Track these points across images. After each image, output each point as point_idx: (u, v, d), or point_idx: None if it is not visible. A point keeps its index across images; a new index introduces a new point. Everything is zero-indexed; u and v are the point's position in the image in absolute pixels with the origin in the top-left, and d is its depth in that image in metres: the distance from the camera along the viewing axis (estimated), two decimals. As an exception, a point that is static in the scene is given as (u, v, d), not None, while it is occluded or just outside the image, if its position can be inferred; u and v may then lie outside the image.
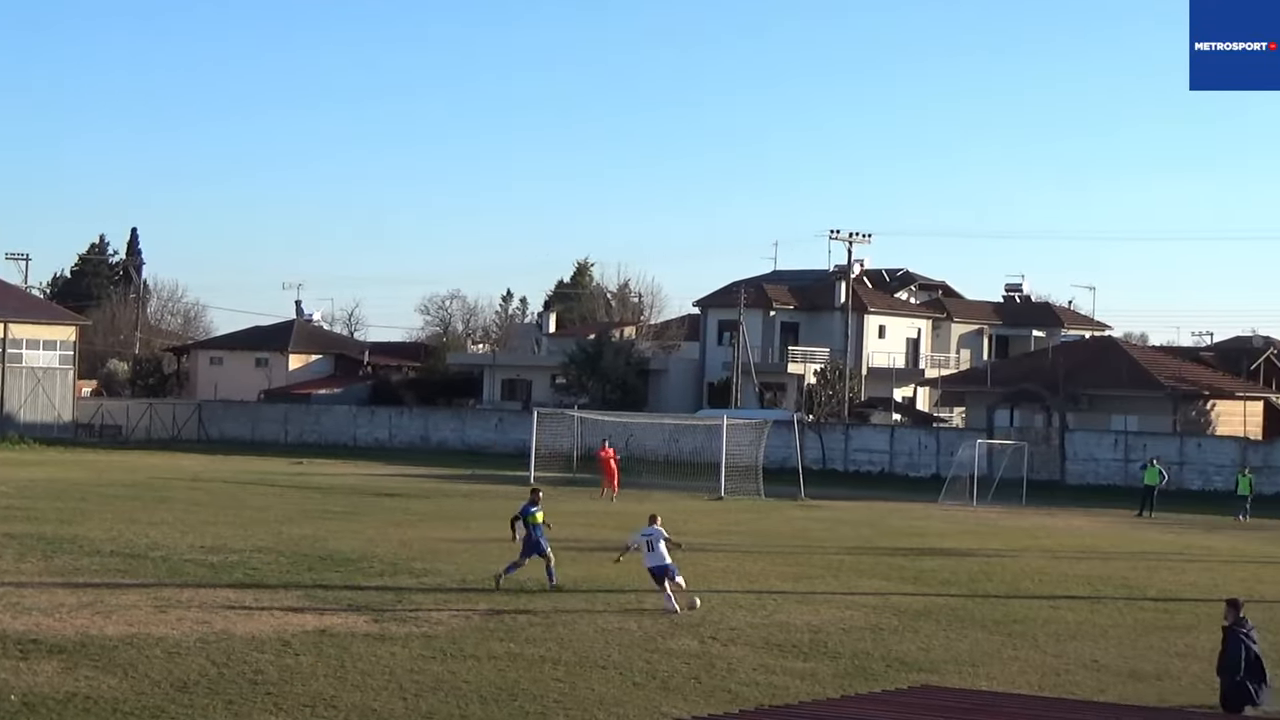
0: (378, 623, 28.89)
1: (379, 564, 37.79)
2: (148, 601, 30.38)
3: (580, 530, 48.97)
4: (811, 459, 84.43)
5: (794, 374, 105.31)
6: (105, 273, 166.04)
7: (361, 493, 62.34)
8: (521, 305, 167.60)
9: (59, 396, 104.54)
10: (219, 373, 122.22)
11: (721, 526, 52.13)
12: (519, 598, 32.74)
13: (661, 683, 24.55)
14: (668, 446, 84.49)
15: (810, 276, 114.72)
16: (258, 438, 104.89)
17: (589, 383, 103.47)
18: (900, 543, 48.52)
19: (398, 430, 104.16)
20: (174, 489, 60.16)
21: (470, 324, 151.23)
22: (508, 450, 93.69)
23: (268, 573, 35.53)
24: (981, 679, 25.61)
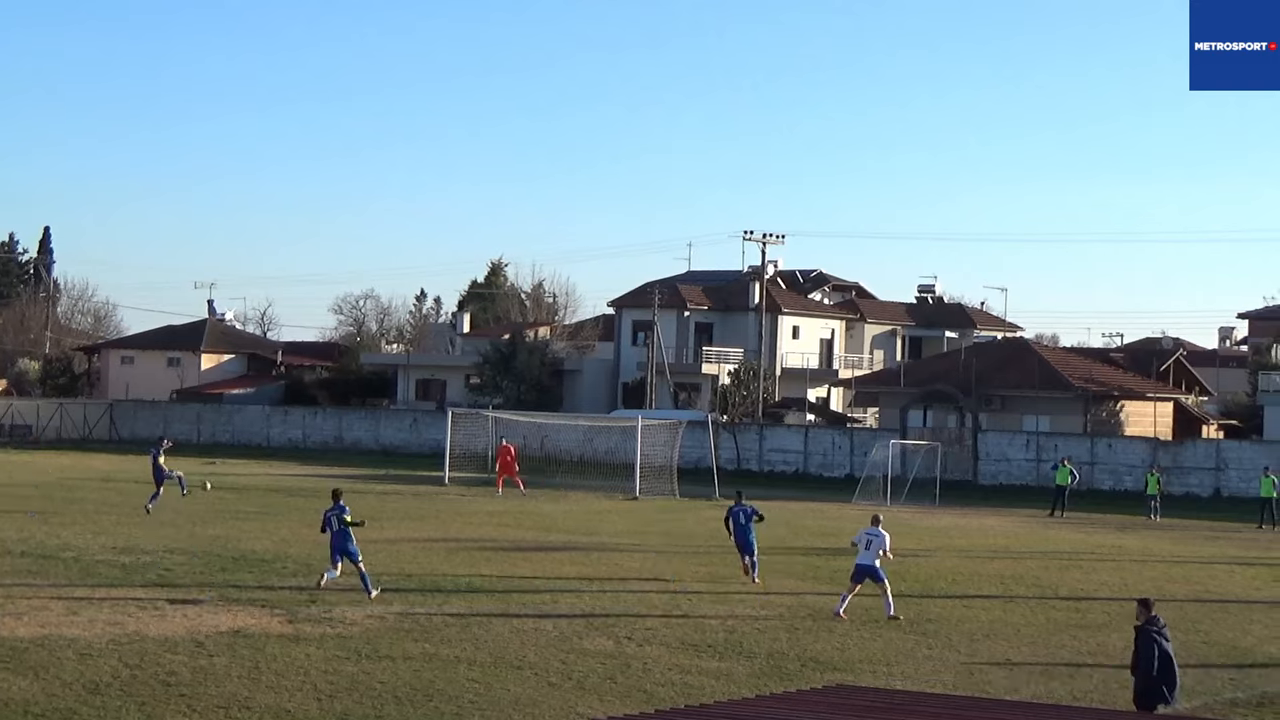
0: (292, 623, 28.77)
1: (293, 564, 37.62)
2: (59, 603, 30.15)
3: (494, 530, 48.96)
4: (726, 459, 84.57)
5: (708, 374, 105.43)
6: (15, 271, 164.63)
7: (275, 493, 62.02)
8: (435, 305, 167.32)
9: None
10: (130, 372, 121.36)
11: (636, 527, 52.16)
12: (434, 598, 32.66)
13: (577, 683, 24.55)
14: (582, 447, 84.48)
15: (724, 277, 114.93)
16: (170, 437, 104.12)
17: (503, 383, 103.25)
18: (815, 542, 48.66)
19: (311, 430, 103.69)
20: (85, 489, 59.71)
21: (384, 324, 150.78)
22: (423, 450, 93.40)
23: (181, 573, 35.32)
24: (896, 678, 25.72)
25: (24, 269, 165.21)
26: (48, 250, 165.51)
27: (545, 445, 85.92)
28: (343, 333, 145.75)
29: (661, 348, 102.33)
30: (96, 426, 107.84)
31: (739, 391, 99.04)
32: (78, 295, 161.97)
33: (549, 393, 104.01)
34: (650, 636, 28.81)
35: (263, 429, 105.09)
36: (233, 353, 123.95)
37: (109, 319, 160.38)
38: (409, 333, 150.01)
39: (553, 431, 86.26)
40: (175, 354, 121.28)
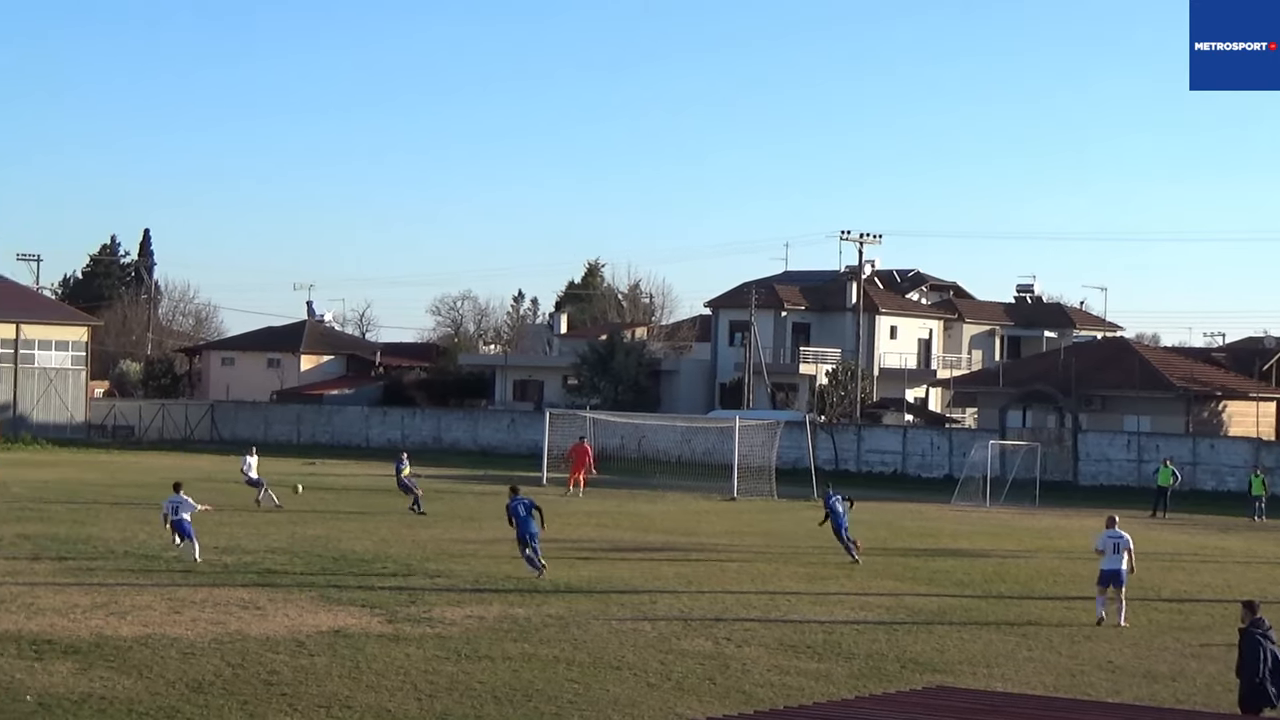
0: (392, 623, 28.91)
1: (393, 564, 37.81)
2: (162, 602, 30.42)
3: (592, 531, 49.05)
4: (824, 460, 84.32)
5: (806, 375, 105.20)
6: (117, 273, 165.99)
7: (375, 493, 62.32)
8: (533, 306, 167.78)
9: (71, 397, 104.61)
10: (231, 373, 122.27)
11: (734, 528, 52.09)
12: (533, 598, 32.75)
13: (676, 684, 24.55)
14: (680, 448, 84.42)
15: (821, 277, 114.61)
16: (270, 438, 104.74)
17: (601, 384, 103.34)
18: (914, 543, 48.48)
19: (410, 431, 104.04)
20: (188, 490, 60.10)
21: (482, 325, 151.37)
22: (520, 451, 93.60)
23: (282, 573, 35.56)
24: (996, 680, 25.59)
25: (126, 271, 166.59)
26: (148, 252, 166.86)
27: (643, 446, 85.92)
28: (441, 334, 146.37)
29: (759, 348, 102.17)
30: (198, 427, 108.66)
31: (837, 392, 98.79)
32: (178, 297, 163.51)
33: (646, 393, 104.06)
34: (749, 637, 28.78)
35: (362, 430, 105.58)
36: (332, 354, 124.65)
37: (209, 320, 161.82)
38: (506, 334, 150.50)
39: (650, 432, 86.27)
40: (275, 355, 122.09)
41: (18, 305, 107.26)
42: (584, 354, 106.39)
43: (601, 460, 72.40)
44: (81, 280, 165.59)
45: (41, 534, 42.04)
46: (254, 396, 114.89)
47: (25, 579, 33.32)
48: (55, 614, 28.60)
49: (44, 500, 53.25)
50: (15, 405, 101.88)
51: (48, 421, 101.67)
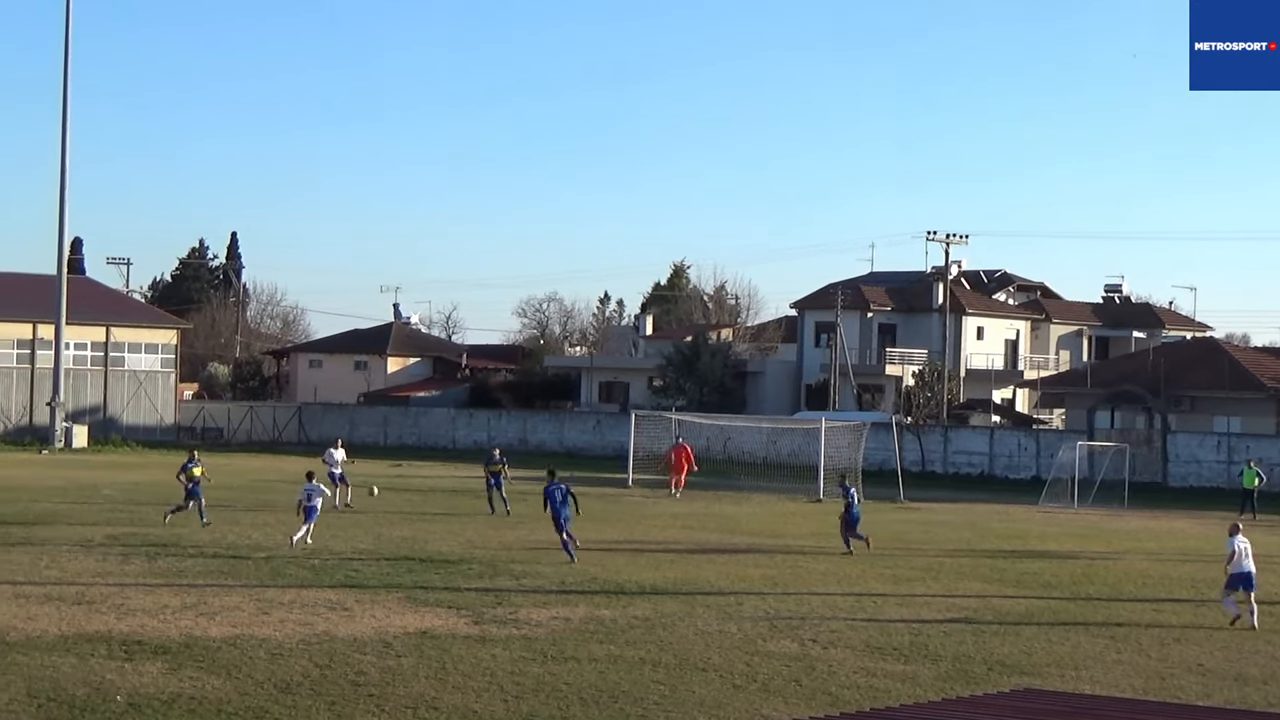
0: (478, 625, 28.99)
1: (479, 566, 37.92)
2: (251, 603, 30.62)
3: (678, 532, 49.05)
4: (910, 461, 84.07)
5: (892, 376, 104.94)
6: (205, 276, 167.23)
7: (461, 495, 62.51)
8: (618, 308, 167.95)
9: (160, 399, 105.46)
10: (318, 375, 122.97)
11: (820, 529, 51.95)
12: (618, 600, 32.78)
13: (762, 685, 24.52)
14: (766, 449, 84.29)
15: (907, 278, 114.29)
16: (357, 440, 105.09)
17: (686, 385, 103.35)
18: (1001, 545, 48.25)
19: (496, 433, 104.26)
20: (276, 491, 60.50)
21: (567, 326, 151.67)
22: (606, 452, 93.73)
23: (368, 575, 35.72)
24: (1084, 682, 25.42)
25: (214, 274, 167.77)
26: (236, 255, 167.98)
27: (728, 447, 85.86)
28: (526, 336, 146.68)
29: (844, 349, 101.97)
30: (285, 429, 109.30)
31: (923, 393, 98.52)
32: (266, 300, 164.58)
33: (732, 395, 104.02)
34: (835, 639, 28.71)
35: (448, 431, 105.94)
36: (418, 356, 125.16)
37: (297, 323, 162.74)
38: (592, 335, 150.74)
39: (736, 433, 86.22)
40: (362, 357, 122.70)
41: (108, 308, 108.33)
42: (669, 355, 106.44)
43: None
44: (170, 283, 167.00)
45: (131, 535, 42.40)
46: (341, 399, 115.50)
47: (115, 580, 33.61)
48: (145, 615, 28.83)
49: (134, 502, 53.69)
50: (105, 407, 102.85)
51: (137, 424, 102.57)
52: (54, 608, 29.36)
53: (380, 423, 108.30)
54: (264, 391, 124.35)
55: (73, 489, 59.39)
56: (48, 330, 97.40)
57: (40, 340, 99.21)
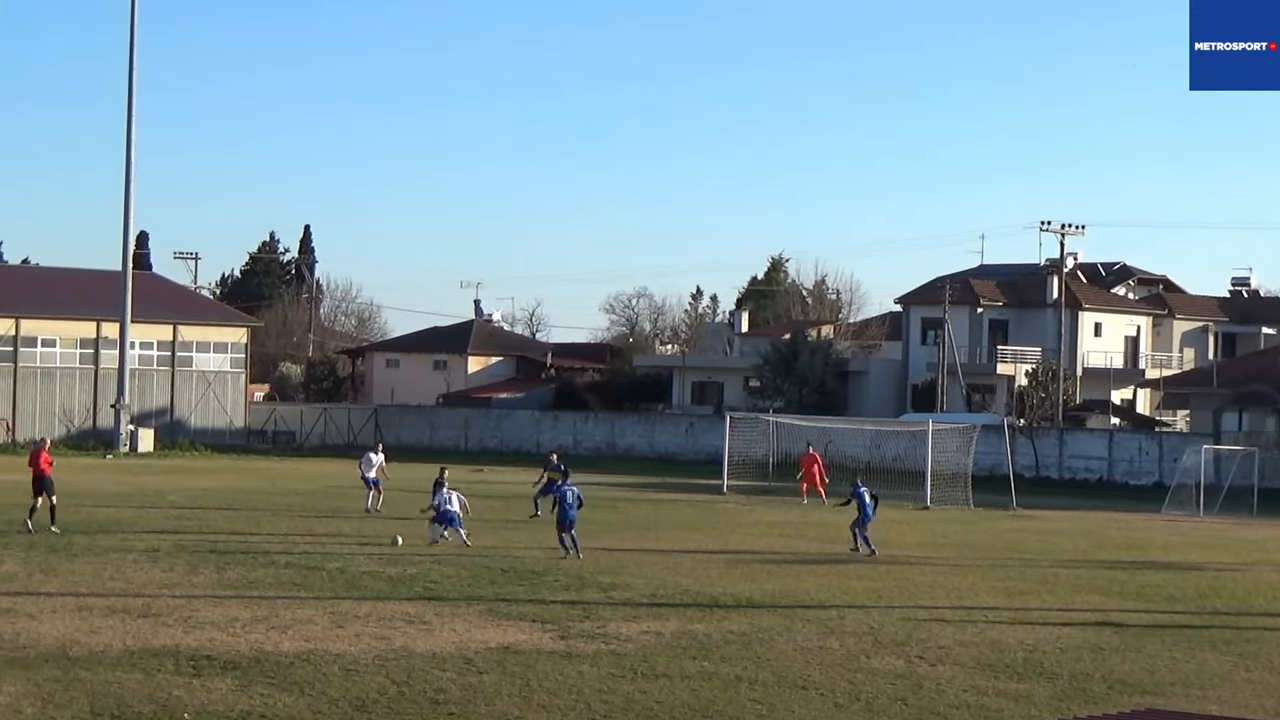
0: (564, 639, 29.00)
1: (565, 577, 37.95)
2: (324, 616, 30.74)
3: (776, 542, 48.99)
4: (1023, 466, 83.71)
5: (1003, 375, 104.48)
6: (276, 272, 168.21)
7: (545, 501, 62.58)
8: (712, 304, 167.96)
9: (230, 401, 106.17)
10: (395, 376, 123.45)
11: (928, 538, 51.79)
12: (712, 613, 32.74)
13: (865, 704, 24.43)
14: (869, 453, 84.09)
15: (1020, 271, 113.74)
16: (436, 444, 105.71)
17: (784, 385, 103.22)
18: (1120, 555, 47.94)
19: (583, 436, 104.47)
20: (351, 498, 60.80)
21: (658, 324, 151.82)
22: (699, 457, 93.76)
23: (448, 586, 35.80)
24: (1211, 703, 25.19)
25: (286, 269, 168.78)
26: (309, 249, 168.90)
27: (829, 451, 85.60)
28: (615, 333, 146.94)
29: (953, 347, 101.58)
30: (361, 432, 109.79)
31: (1037, 393, 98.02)
32: (340, 296, 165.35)
33: (832, 395, 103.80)
34: (943, 656, 28.58)
35: (532, 434, 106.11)
36: (500, 355, 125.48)
37: (373, 320, 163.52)
38: (684, 333, 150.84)
39: (837, 436, 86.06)
40: (441, 356, 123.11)
41: (175, 306, 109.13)
42: (766, 354, 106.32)
43: (786, 467, 72.24)
44: (240, 279, 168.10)
45: (199, 545, 42.66)
46: (419, 400, 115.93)
47: (183, 591, 33.83)
48: (214, 628, 29.00)
49: (202, 509, 54.06)
50: (172, 410, 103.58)
51: (206, 427, 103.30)
52: (118, 620, 29.56)
53: (461, 425, 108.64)
54: (338, 393, 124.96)
55: (138, 495, 59.84)
56: (112, 329, 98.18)
57: (105, 339, 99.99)
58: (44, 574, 35.91)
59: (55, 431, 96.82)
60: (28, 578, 35.25)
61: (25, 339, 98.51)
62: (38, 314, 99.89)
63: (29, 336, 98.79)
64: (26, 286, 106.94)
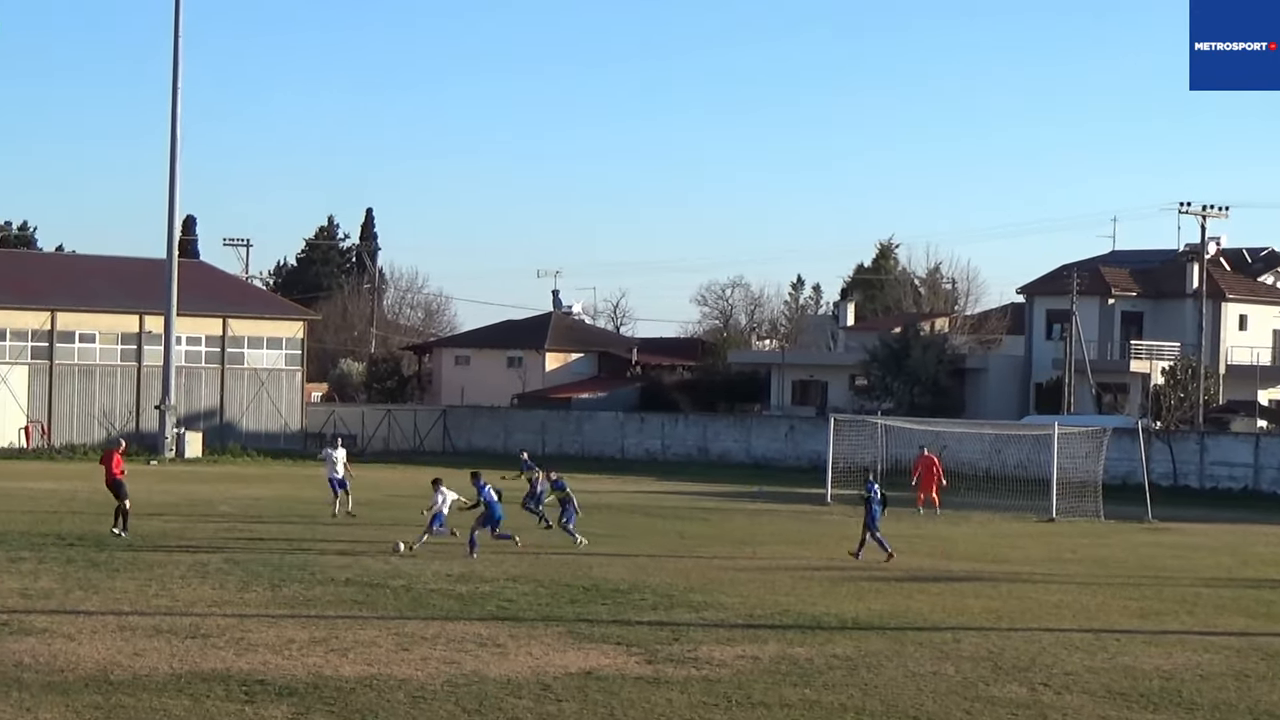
0: (651, 664, 29.03)
1: (652, 595, 37.98)
2: (388, 638, 30.86)
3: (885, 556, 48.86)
4: (1159, 474, 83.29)
5: (1137, 373, 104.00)
6: (336, 260, 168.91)
7: (631, 512, 62.70)
8: (814, 294, 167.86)
9: (285, 402, 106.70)
10: (466, 374, 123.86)
11: (1053, 553, 51.59)
12: (815, 635, 32.72)
13: (984, 737, 24.39)
14: (988, 459, 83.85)
15: (1156, 258, 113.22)
16: (510, 448, 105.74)
17: (894, 384, 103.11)
18: (1269, 573, 47.64)
19: (671, 440, 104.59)
20: (417, 508, 61.00)
21: (755, 316, 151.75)
22: (799, 463, 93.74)
23: (524, 605, 35.89)
24: (1370, 737, 25.04)
25: (346, 257, 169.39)
26: (372, 235, 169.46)
27: (944, 457, 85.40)
28: (707, 327, 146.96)
29: (1081, 342, 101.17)
30: (428, 436, 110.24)
31: (1174, 393, 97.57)
32: (405, 286, 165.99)
33: (947, 395, 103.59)
34: (1071, 683, 28.48)
35: (616, 438, 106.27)
36: (581, 351, 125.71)
37: (441, 313, 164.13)
38: (784, 326, 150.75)
39: (952, 441, 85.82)
40: (516, 353, 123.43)
41: (225, 297, 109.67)
42: (874, 350, 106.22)
43: (896, 474, 72.10)
44: (296, 268, 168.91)
45: (252, 559, 42.90)
46: (492, 400, 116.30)
47: (234, 610, 34.02)
48: (268, 650, 29.16)
49: (255, 520, 54.36)
50: (222, 411, 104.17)
51: (258, 430, 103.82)
52: (164, 642, 29.77)
53: (537, 429, 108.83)
54: (403, 393, 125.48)
55: (185, 505, 60.27)
56: (156, 322, 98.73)
57: (148, 334, 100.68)
58: (83, 591, 36.19)
59: (95, 435, 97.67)
60: (66, 595, 35.54)
61: (62, 334, 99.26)
62: (75, 306, 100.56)
63: (66, 331, 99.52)
64: (62, 276, 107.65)
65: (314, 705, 24.81)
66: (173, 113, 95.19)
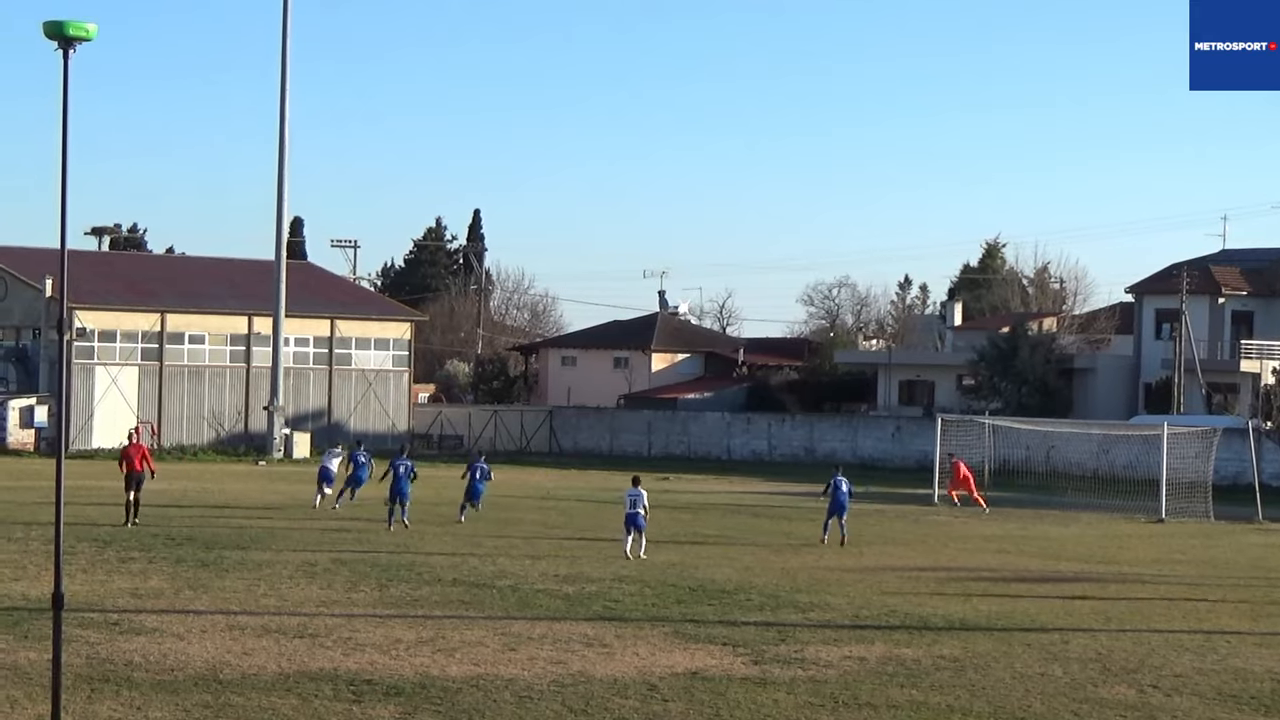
0: (758, 664, 29.01)
1: (758, 596, 37.96)
2: (495, 638, 30.93)
3: (992, 558, 48.73)
4: (1270, 474, 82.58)
5: (1248, 373, 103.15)
6: (443, 261, 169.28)
7: (737, 513, 62.67)
8: (922, 294, 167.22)
9: (392, 403, 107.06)
10: (572, 375, 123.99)
11: (1163, 555, 51.30)
12: (922, 636, 32.63)
13: (1093, 739, 24.26)
14: (1097, 459, 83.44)
15: (1268, 256, 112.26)
16: (617, 449, 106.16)
17: (1002, 384, 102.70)
18: (1384, 575, 47.23)
19: (778, 440, 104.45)
20: (523, 508, 61.22)
21: (861, 316, 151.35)
22: (907, 464, 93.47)
23: (630, 605, 35.91)
24: None
25: (453, 258, 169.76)
26: (479, 236, 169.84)
27: (1052, 457, 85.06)
28: (814, 327, 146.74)
29: (1191, 341, 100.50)
30: (535, 437, 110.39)
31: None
32: (512, 287, 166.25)
33: (1056, 395, 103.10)
34: (1180, 685, 28.30)
35: (722, 439, 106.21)
36: (687, 351, 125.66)
37: (547, 314, 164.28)
38: (891, 326, 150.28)
39: (1061, 441, 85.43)
40: (622, 353, 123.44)
41: (333, 298, 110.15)
42: (982, 349, 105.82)
43: (1004, 474, 71.83)
44: (404, 269, 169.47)
45: (360, 559, 43.07)
46: (598, 401, 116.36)
47: (342, 610, 34.17)
48: (375, 650, 29.27)
49: (361, 520, 54.56)
50: (330, 411, 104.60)
51: (366, 430, 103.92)
52: (273, 641, 29.93)
53: (644, 429, 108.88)
54: (510, 393, 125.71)
55: (293, 505, 60.57)
56: (265, 324, 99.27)
57: (257, 335, 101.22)
58: (193, 590, 36.44)
59: (204, 435, 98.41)
60: (175, 594, 35.79)
61: (171, 335, 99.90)
62: (184, 308, 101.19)
63: (175, 332, 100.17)
64: (172, 278, 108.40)
65: (421, 705, 24.89)
66: (281, 113, 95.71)
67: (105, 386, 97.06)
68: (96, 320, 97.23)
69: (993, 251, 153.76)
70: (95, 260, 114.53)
